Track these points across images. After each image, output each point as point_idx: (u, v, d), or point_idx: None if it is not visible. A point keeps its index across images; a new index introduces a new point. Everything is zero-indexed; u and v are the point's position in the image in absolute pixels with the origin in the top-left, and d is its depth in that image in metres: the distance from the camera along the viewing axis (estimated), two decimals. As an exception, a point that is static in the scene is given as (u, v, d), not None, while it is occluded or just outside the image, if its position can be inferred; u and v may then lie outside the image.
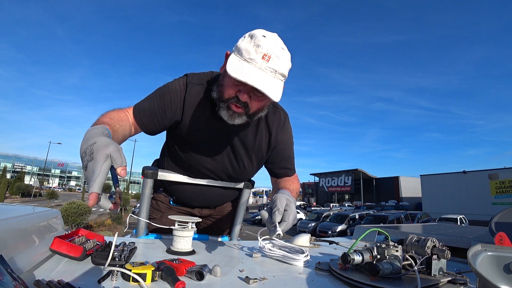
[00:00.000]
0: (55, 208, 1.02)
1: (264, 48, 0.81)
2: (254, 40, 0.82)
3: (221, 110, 0.92)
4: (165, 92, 1.02)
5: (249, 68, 0.80)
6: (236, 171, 1.15)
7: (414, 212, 18.99)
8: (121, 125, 0.91)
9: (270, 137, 1.12)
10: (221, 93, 0.91)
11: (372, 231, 1.21)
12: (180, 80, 1.04)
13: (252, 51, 0.80)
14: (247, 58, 0.80)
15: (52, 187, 48.09)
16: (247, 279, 0.62)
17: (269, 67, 0.81)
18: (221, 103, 0.92)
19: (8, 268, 0.43)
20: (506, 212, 1.07)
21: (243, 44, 0.82)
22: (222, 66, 0.97)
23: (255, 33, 0.84)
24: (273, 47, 0.82)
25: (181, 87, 1.02)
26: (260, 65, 0.80)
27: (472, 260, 0.58)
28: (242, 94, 0.86)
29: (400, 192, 38.61)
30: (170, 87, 1.03)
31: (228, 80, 0.88)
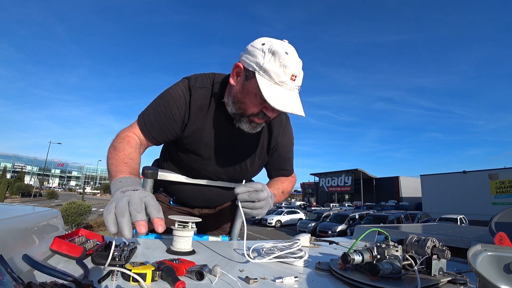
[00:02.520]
0: (55, 208, 1.02)
1: (291, 69, 0.82)
2: (279, 60, 0.81)
3: (242, 123, 0.95)
4: (169, 100, 0.98)
5: (283, 93, 0.82)
6: (237, 172, 1.15)
7: (414, 212, 19.00)
8: (137, 157, 0.92)
9: (271, 138, 1.12)
10: (242, 110, 0.92)
11: (372, 231, 1.21)
12: (182, 85, 1.01)
13: (281, 73, 0.81)
14: (277, 82, 0.82)
15: (52, 187, 48.07)
16: (247, 279, 0.62)
17: (295, 85, 0.85)
18: (242, 118, 0.94)
19: (8, 268, 0.43)
20: (506, 212, 1.07)
21: (269, 65, 0.81)
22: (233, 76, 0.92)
23: (276, 50, 0.81)
24: (296, 64, 0.84)
25: (184, 92, 0.99)
26: (290, 87, 0.83)
27: (472, 260, 0.58)
28: (270, 112, 0.89)
29: (400, 192, 38.61)
30: (173, 94, 0.99)
31: (252, 98, 0.88)
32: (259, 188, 0.86)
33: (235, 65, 0.91)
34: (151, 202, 0.62)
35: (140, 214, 0.59)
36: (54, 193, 27.85)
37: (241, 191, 0.85)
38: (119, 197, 0.63)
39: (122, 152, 0.87)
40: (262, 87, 0.81)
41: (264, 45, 0.84)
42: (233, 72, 0.92)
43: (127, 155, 0.87)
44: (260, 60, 0.82)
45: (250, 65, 0.85)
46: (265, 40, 0.86)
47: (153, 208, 0.61)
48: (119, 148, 0.89)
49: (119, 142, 0.92)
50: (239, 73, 0.91)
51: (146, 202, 0.62)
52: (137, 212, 0.59)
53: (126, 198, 0.62)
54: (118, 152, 0.87)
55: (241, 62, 0.89)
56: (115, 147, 0.90)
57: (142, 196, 0.63)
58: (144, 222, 0.59)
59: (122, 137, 0.95)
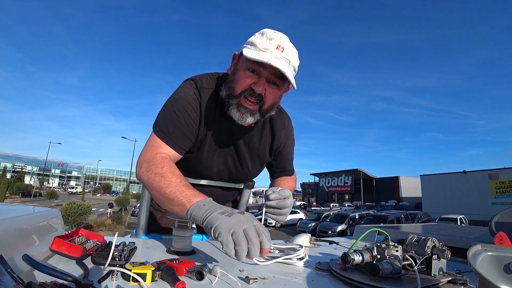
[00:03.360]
0: (55, 208, 1.02)
1: (277, 40, 0.84)
2: (266, 35, 0.85)
3: (232, 109, 0.91)
4: (184, 104, 0.94)
5: (266, 55, 0.82)
6: (239, 173, 1.16)
7: (414, 212, 19.01)
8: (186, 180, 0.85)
9: (273, 140, 1.12)
10: (232, 88, 0.90)
11: (372, 231, 1.21)
12: (189, 87, 0.98)
13: (266, 43, 0.83)
14: (262, 49, 0.83)
15: (52, 187, 48.07)
16: (247, 279, 0.62)
17: (283, 56, 0.84)
18: (232, 100, 0.90)
19: (8, 268, 0.43)
20: (506, 212, 1.07)
21: (255, 38, 0.85)
22: (230, 67, 0.95)
23: (265, 30, 0.87)
24: (285, 40, 0.86)
25: (196, 94, 0.97)
26: (275, 54, 0.83)
27: (472, 260, 0.58)
28: (258, 85, 0.87)
29: (400, 192, 38.62)
30: (185, 97, 0.95)
31: (241, 73, 0.88)
32: (288, 195, 0.90)
33: (233, 55, 0.95)
34: (261, 228, 0.64)
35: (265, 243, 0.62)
36: (54, 193, 27.83)
37: (274, 197, 0.89)
38: (231, 222, 0.62)
39: (175, 178, 0.80)
40: (246, 52, 0.83)
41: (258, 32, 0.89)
42: (231, 64, 0.95)
43: (183, 179, 0.81)
44: (250, 39, 0.88)
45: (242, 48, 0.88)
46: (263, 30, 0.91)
47: (265, 236, 0.63)
48: (167, 173, 0.81)
49: (160, 167, 0.83)
50: (234, 61, 0.95)
51: (258, 228, 0.63)
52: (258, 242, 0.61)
53: (240, 225, 0.62)
54: (171, 178, 0.79)
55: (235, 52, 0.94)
56: (161, 174, 0.81)
57: (252, 221, 0.64)
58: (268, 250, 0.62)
59: (158, 161, 0.86)
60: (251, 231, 0.61)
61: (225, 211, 0.65)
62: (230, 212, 0.65)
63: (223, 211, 0.65)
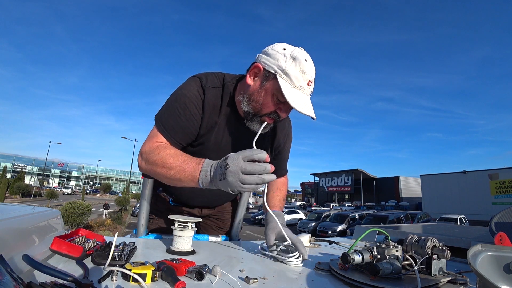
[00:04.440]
0: (55, 208, 1.02)
1: (308, 75, 0.88)
2: (300, 65, 0.87)
3: (252, 123, 0.96)
4: (186, 102, 0.96)
5: (301, 97, 0.88)
6: None
7: (414, 212, 18.99)
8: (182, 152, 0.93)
9: (274, 140, 1.14)
10: (257, 108, 0.94)
11: (372, 231, 1.21)
12: (194, 84, 0.99)
13: (300, 78, 0.87)
14: (297, 85, 0.87)
15: (52, 187, 48.02)
16: (247, 279, 0.62)
17: (310, 91, 0.91)
18: (255, 117, 0.95)
19: (8, 268, 0.43)
20: (506, 212, 1.07)
21: (290, 69, 0.86)
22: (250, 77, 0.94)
23: (297, 56, 0.87)
24: (313, 71, 0.90)
25: (199, 92, 0.98)
26: (306, 91, 0.89)
27: (472, 260, 0.58)
28: (283, 112, 0.94)
29: (400, 192, 38.61)
30: (188, 94, 0.97)
31: (270, 99, 0.91)
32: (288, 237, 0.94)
33: (254, 66, 0.93)
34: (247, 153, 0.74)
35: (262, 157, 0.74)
36: (54, 193, 27.81)
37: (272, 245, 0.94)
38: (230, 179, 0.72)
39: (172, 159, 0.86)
40: (284, 89, 0.85)
41: (285, 50, 0.88)
42: (250, 72, 0.94)
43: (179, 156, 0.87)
44: (282, 64, 0.87)
45: (271, 67, 0.89)
46: (285, 45, 0.91)
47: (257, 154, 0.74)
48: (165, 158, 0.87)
49: (157, 154, 0.89)
50: (256, 74, 0.93)
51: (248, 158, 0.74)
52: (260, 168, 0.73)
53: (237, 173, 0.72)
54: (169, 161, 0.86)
55: (260, 64, 0.92)
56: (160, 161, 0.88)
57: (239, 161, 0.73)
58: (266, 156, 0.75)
59: (154, 148, 0.92)
60: (248, 168, 0.72)
61: (215, 175, 0.77)
62: (221, 172, 0.74)
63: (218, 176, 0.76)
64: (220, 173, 0.74)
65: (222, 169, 0.74)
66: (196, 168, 0.81)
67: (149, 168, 0.92)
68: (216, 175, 0.76)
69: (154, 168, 0.89)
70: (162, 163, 0.87)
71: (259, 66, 0.92)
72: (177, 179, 0.84)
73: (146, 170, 0.93)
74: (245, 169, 0.72)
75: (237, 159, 0.72)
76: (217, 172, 0.76)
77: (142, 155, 0.94)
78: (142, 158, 0.94)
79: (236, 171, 0.71)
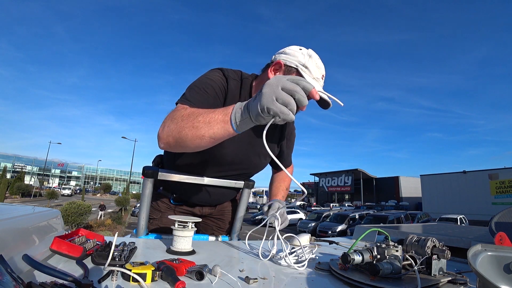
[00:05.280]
0: (55, 208, 1.02)
1: (322, 70, 1.01)
2: (315, 61, 0.99)
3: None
4: (212, 85, 0.99)
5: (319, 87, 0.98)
6: (251, 164, 1.20)
7: (414, 212, 19.00)
8: None
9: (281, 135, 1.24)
10: None
11: (372, 231, 1.21)
12: (217, 73, 1.04)
13: (317, 71, 0.99)
14: (315, 77, 0.98)
15: (52, 187, 47.98)
16: (247, 279, 0.62)
17: (322, 84, 1.02)
18: None
19: (8, 268, 0.43)
20: (506, 212, 1.07)
21: (309, 64, 0.98)
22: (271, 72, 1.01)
23: (311, 54, 0.99)
24: (324, 68, 1.02)
25: (223, 79, 1.03)
26: (321, 83, 1.01)
27: (472, 260, 0.58)
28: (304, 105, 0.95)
29: (400, 192, 38.61)
30: (213, 78, 1.00)
31: None
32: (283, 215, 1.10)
33: (275, 62, 1.02)
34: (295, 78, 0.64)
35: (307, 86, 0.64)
36: (54, 193, 27.79)
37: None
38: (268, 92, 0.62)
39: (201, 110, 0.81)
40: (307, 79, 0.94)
41: (301, 50, 1.01)
42: (271, 68, 1.02)
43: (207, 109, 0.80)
44: (301, 59, 0.98)
45: (292, 62, 0.99)
46: (299, 46, 1.03)
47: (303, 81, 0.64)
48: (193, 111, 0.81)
49: (183, 110, 0.83)
50: (277, 70, 1.02)
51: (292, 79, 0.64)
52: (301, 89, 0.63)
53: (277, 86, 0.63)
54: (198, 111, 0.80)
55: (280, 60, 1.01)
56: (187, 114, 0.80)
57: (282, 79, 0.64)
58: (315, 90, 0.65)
59: (179, 108, 0.86)
60: (290, 84, 0.62)
61: (255, 96, 0.67)
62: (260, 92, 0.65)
63: (254, 97, 0.67)
64: (257, 93, 0.66)
65: (261, 87, 0.66)
66: (228, 107, 0.74)
67: (172, 128, 0.81)
68: (251, 99, 0.68)
69: (180, 124, 0.80)
70: (188, 115, 0.79)
71: (280, 62, 1.01)
72: (206, 123, 0.75)
73: (172, 130, 0.81)
74: (285, 85, 0.62)
75: (280, 76, 0.65)
76: (255, 96, 0.68)
77: (165, 122, 0.85)
78: (165, 124, 0.85)
79: (276, 83, 0.63)
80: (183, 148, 0.84)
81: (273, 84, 0.63)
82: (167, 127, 0.83)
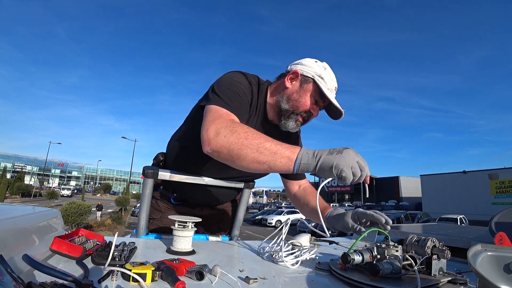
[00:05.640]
0: (55, 208, 1.02)
1: (335, 82, 1.07)
2: (329, 73, 1.05)
3: (289, 121, 1.06)
4: (244, 90, 1.00)
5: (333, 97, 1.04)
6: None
7: (414, 212, 18.97)
8: None
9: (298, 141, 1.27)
10: (296, 107, 1.05)
11: (372, 231, 1.20)
12: (243, 78, 1.04)
13: (331, 83, 1.05)
14: (330, 88, 1.04)
15: (52, 187, 47.95)
16: (247, 279, 0.62)
17: (335, 95, 1.07)
18: (292, 115, 1.06)
19: (8, 268, 0.43)
20: (506, 212, 1.07)
21: (325, 75, 1.04)
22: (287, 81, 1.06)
23: (326, 67, 1.06)
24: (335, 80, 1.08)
25: (248, 85, 1.04)
26: (334, 94, 1.06)
27: (472, 260, 0.58)
28: (316, 111, 1.08)
29: (400, 192, 38.60)
30: (242, 82, 1.01)
31: (307, 98, 1.05)
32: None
33: (292, 71, 1.07)
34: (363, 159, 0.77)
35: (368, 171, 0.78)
36: (55, 193, 27.77)
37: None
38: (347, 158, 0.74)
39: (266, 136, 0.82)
40: (323, 89, 1.02)
41: (317, 62, 1.07)
42: (288, 77, 1.07)
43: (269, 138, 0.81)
44: (317, 71, 1.04)
45: (308, 72, 1.04)
46: (314, 59, 1.09)
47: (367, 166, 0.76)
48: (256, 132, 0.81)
49: (247, 127, 0.82)
50: (293, 79, 1.07)
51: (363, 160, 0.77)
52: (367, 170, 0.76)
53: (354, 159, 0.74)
54: (263, 135, 0.81)
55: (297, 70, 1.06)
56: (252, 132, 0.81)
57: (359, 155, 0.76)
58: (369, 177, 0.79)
59: (239, 123, 0.85)
60: (362, 162, 0.75)
61: (332, 151, 0.76)
62: (337, 150, 0.75)
63: (330, 151, 0.76)
64: (337, 151, 0.75)
65: (339, 149, 0.76)
66: (294, 146, 0.79)
67: (231, 141, 0.78)
68: (328, 151, 0.76)
69: (243, 141, 0.77)
70: (254, 136, 0.79)
71: (297, 72, 1.05)
72: (271, 152, 0.76)
73: (231, 141, 0.78)
74: (360, 161, 0.75)
75: (356, 153, 0.76)
76: (330, 151, 0.76)
77: (220, 130, 0.81)
78: (221, 132, 0.80)
79: (354, 156, 0.75)
80: (231, 162, 0.82)
81: (353, 155, 0.75)
82: (224, 137, 0.79)
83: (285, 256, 0.81)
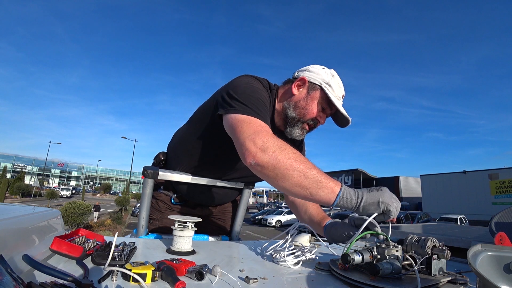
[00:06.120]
0: (55, 208, 1.02)
1: (342, 89, 1.07)
2: (337, 81, 1.05)
3: (295, 128, 1.05)
4: (265, 97, 0.98)
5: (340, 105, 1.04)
6: None
7: (414, 212, 19.00)
8: None
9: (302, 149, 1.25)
10: (303, 115, 1.04)
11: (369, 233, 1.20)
12: (259, 83, 1.01)
13: (339, 90, 1.05)
14: (337, 95, 1.04)
15: (52, 187, 47.95)
16: (247, 279, 0.62)
17: (342, 102, 1.07)
18: (298, 123, 1.05)
19: (8, 268, 0.43)
20: (506, 212, 1.07)
21: (332, 83, 1.03)
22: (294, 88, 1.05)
23: (334, 74, 1.06)
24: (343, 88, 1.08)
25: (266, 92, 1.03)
26: (341, 102, 1.06)
27: (472, 260, 0.58)
28: (322, 119, 1.08)
29: (400, 192, 38.58)
30: (261, 88, 1.00)
31: (314, 106, 1.04)
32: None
33: (300, 78, 1.06)
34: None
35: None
36: (54, 193, 27.77)
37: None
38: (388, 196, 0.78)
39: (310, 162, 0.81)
40: (331, 96, 1.01)
41: (324, 69, 1.06)
42: (295, 84, 1.06)
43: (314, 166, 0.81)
44: (325, 78, 1.04)
45: (316, 80, 1.04)
46: (322, 66, 1.08)
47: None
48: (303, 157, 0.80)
49: (293, 150, 0.80)
50: (300, 86, 1.06)
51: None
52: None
53: (393, 197, 0.78)
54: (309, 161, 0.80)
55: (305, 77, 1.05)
56: (300, 156, 0.79)
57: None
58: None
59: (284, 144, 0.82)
60: (396, 201, 0.79)
61: (371, 189, 0.79)
62: (376, 188, 0.79)
63: (369, 189, 0.79)
64: (376, 188, 0.79)
65: (376, 187, 0.80)
66: (337, 181, 0.79)
67: (280, 159, 0.76)
68: (367, 190, 0.80)
69: (292, 163, 0.76)
70: (302, 160, 0.77)
71: (305, 79, 1.05)
72: (317, 180, 0.75)
73: (280, 160, 0.76)
74: (396, 198, 0.80)
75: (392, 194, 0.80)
76: (369, 189, 0.80)
77: (268, 147, 0.78)
78: (268, 149, 0.78)
79: (391, 195, 0.79)
80: (273, 180, 0.79)
81: (390, 193, 0.78)
82: (272, 153, 0.77)
83: (286, 256, 0.81)
